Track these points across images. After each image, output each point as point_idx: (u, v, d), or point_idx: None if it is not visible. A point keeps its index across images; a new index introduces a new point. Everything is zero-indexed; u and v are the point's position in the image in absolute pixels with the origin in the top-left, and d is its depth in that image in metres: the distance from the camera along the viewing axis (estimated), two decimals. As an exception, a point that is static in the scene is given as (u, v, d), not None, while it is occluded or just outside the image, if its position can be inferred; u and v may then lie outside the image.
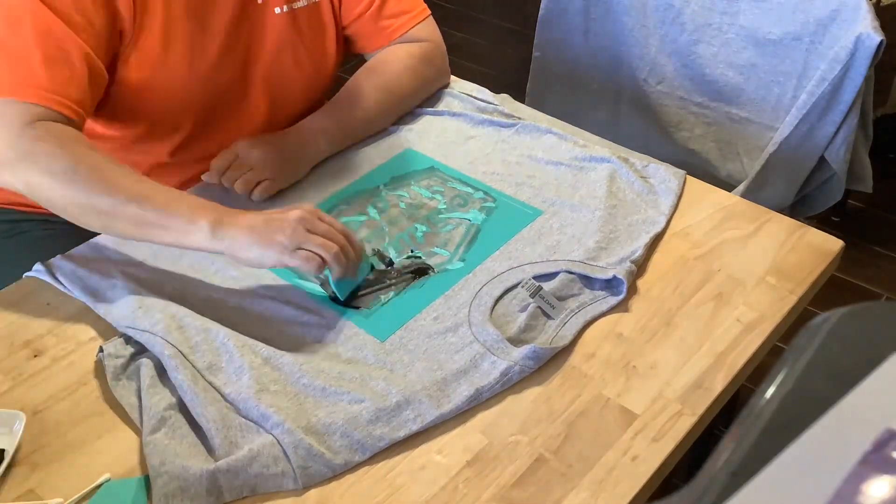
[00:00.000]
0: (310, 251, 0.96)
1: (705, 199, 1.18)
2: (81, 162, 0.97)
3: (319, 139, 1.23)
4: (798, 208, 1.57)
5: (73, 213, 0.99)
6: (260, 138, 1.19)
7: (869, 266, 2.15)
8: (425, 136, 1.29)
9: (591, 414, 0.90)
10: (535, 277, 1.03)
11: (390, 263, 1.07)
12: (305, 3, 1.24)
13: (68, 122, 1.02)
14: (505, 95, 1.38)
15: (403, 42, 1.33)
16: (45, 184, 0.97)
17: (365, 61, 1.35)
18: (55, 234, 1.21)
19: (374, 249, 1.09)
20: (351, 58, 1.37)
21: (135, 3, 1.07)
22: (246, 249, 0.96)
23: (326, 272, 0.98)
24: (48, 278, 1.02)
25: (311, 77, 1.29)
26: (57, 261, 1.05)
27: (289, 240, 0.95)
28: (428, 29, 1.35)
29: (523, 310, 1.00)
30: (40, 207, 1.22)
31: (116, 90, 1.12)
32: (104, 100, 1.11)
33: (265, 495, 0.82)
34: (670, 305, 1.02)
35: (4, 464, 0.82)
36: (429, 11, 1.36)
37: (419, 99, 1.35)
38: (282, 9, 1.21)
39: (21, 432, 0.84)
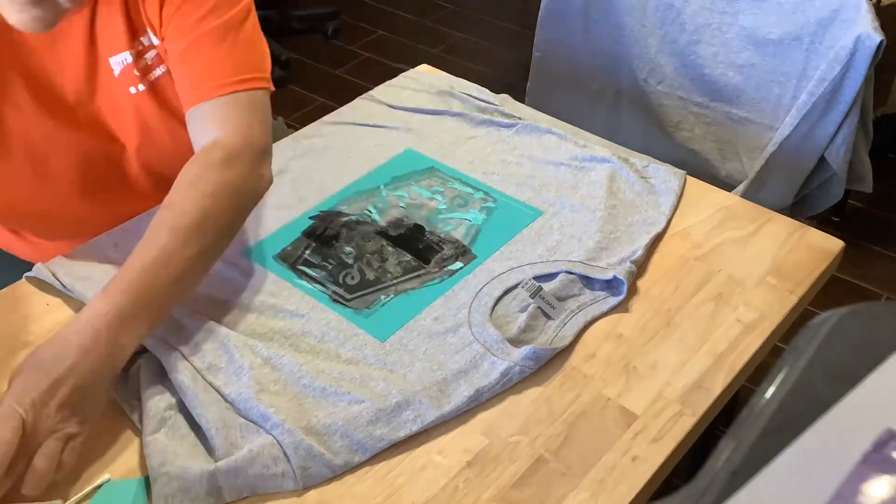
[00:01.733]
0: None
1: (705, 199, 1.18)
2: None
3: (116, 331, 0.84)
4: (798, 208, 1.57)
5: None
6: (18, 387, 0.80)
7: (869, 266, 2.15)
8: (425, 136, 1.29)
9: (591, 414, 0.90)
10: (535, 278, 1.03)
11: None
12: (164, 69, 1.06)
13: None
14: (505, 95, 1.38)
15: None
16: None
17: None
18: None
19: (373, 250, 1.09)
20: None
21: None
22: None
23: None
24: (48, 278, 1.02)
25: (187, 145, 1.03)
26: (57, 261, 1.05)
27: None
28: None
29: (523, 310, 1.00)
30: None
31: None
32: None
33: (265, 495, 0.82)
34: (670, 305, 1.02)
35: None
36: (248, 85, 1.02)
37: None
38: (137, 88, 1.05)
39: None
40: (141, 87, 1.05)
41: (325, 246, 1.09)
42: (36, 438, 0.78)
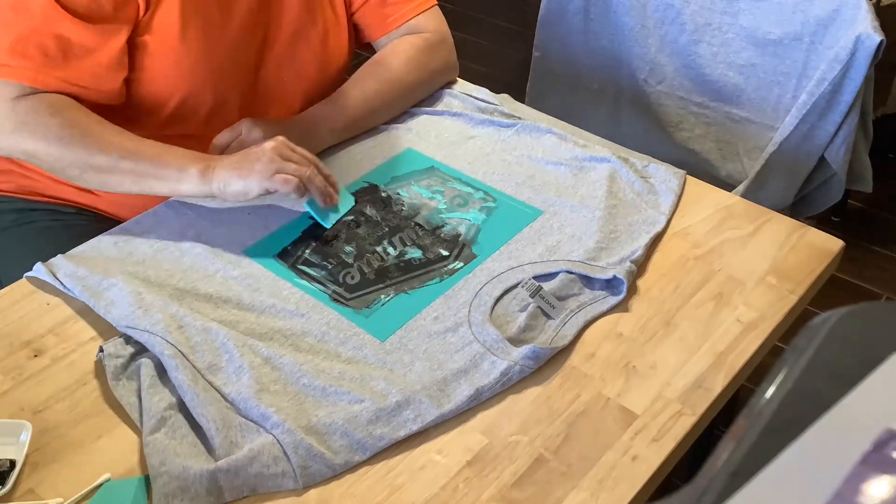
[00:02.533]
0: (287, 174, 1.03)
1: (705, 199, 1.18)
2: (75, 126, 1.05)
3: (322, 128, 1.23)
4: (798, 208, 1.57)
5: (73, 174, 1.07)
6: (265, 121, 1.19)
7: (869, 266, 2.15)
8: (425, 136, 1.29)
9: (591, 414, 0.90)
10: (535, 277, 1.03)
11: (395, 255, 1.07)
12: None
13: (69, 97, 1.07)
14: (505, 95, 1.38)
15: (408, 34, 1.33)
16: (42, 149, 1.04)
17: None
18: (64, 224, 1.22)
19: (372, 248, 1.09)
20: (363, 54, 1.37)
21: None
22: (231, 184, 1.03)
23: (307, 206, 1.08)
24: (48, 278, 1.02)
25: (323, 67, 1.29)
26: (57, 261, 1.05)
27: (265, 167, 1.03)
28: (434, 20, 1.35)
29: (523, 310, 1.00)
30: (49, 197, 1.23)
31: (135, 73, 1.13)
32: (128, 84, 1.13)
33: (265, 495, 0.82)
34: (670, 305, 1.02)
35: (14, 474, 0.82)
36: (434, 1, 1.36)
37: (425, 91, 1.35)
38: None
39: (28, 442, 0.84)
40: None
41: (325, 245, 1.09)
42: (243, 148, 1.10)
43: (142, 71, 1.13)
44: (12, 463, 0.83)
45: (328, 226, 1.10)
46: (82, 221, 1.23)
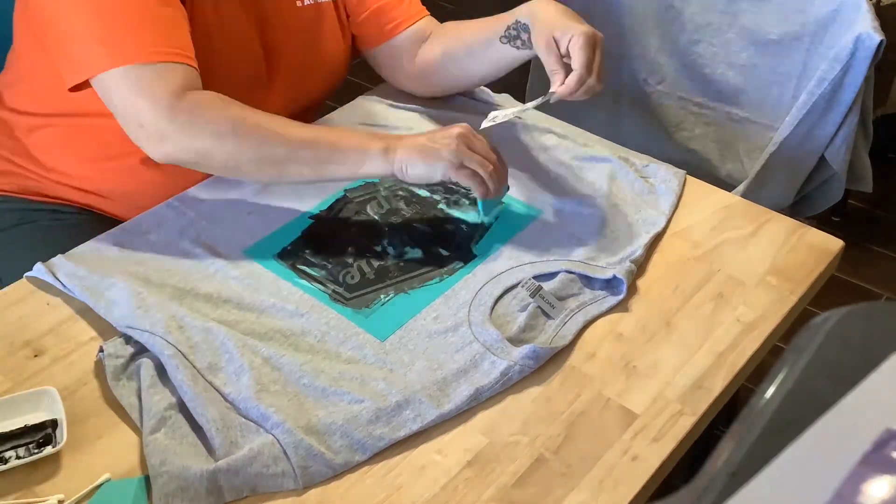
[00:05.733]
0: (471, 169, 1.03)
1: (705, 199, 1.18)
2: (243, 120, 1.03)
3: None
4: (798, 208, 1.57)
5: (249, 170, 1.06)
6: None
7: (869, 266, 2.15)
8: (425, 136, 1.29)
9: (591, 414, 0.90)
10: (535, 277, 1.03)
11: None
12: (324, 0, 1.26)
13: (194, 72, 1.05)
14: (505, 95, 1.38)
15: (417, 41, 1.32)
16: (217, 147, 1.03)
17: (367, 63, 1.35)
18: (64, 224, 1.22)
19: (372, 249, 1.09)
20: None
21: None
22: (415, 167, 1.04)
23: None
24: (48, 278, 1.02)
25: (327, 73, 1.30)
26: (57, 261, 1.05)
27: (454, 155, 1.03)
28: (433, 22, 1.34)
29: (523, 309, 1.00)
30: (49, 197, 1.23)
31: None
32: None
33: (265, 495, 0.82)
34: (670, 305, 1.02)
35: (63, 428, 0.85)
36: (427, 12, 1.35)
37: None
38: (303, 3, 1.24)
39: (60, 400, 0.87)
40: (307, 1, 1.24)
41: (325, 245, 1.09)
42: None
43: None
44: (54, 422, 0.86)
45: (488, 220, 1.11)
46: (82, 221, 1.23)
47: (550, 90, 1.10)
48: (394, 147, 1.04)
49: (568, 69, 1.09)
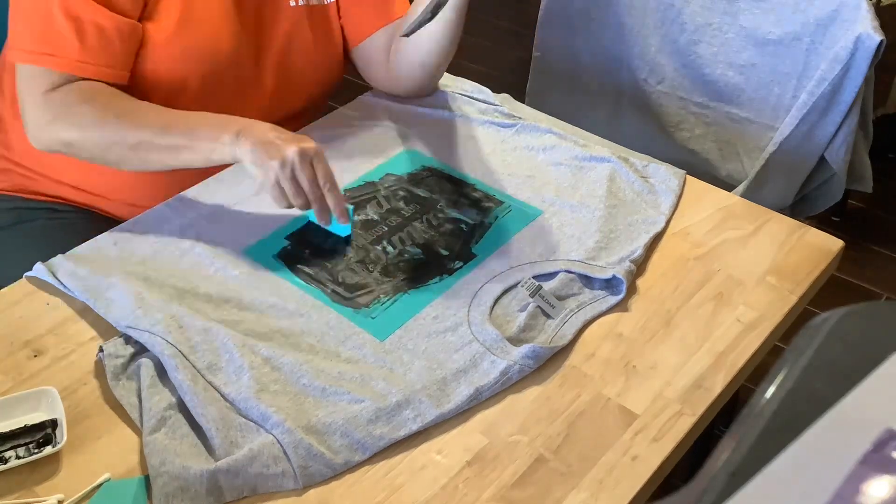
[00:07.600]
0: (283, 190, 1.01)
1: (705, 199, 1.18)
2: (108, 109, 1.06)
3: None
4: (798, 208, 1.57)
5: (114, 158, 1.08)
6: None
7: (869, 266, 2.15)
8: (425, 136, 1.29)
9: (591, 414, 0.90)
10: (534, 277, 1.03)
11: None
12: (318, 3, 1.26)
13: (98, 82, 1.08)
14: (505, 95, 1.38)
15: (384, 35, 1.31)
16: (79, 137, 1.06)
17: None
18: (63, 224, 1.22)
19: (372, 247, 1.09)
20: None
21: None
22: (249, 163, 1.02)
23: (309, 213, 1.07)
24: (48, 278, 1.02)
25: (318, 74, 1.30)
26: (57, 261, 1.05)
27: (275, 172, 1.00)
28: None
29: (523, 309, 1.00)
30: (48, 196, 1.23)
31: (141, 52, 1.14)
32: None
33: (265, 495, 0.82)
34: (670, 305, 1.02)
35: (63, 427, 0.85)
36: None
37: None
38: (296, 2, 1.24)
39: (60, 401, 0.87)
40: (300, 1, 1.24)
41: (325, 245, 1.09)
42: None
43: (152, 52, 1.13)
44: (54, 422, 0.86)
45: (342, 234, 1.10)
46: (82, 221, 1.23)
47: None
48: (243, 135, 1.02)
49: None
